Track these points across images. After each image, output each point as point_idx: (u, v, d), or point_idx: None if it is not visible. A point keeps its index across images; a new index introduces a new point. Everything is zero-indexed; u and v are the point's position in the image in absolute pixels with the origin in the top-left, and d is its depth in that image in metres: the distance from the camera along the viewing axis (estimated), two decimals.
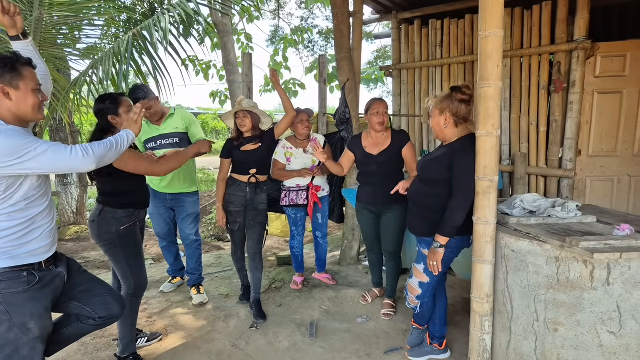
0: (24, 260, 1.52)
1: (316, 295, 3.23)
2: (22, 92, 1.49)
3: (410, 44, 4.47)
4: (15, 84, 1.47)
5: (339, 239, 5.11)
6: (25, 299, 1.52)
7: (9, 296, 1.48)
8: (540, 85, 3.59)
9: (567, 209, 2.07)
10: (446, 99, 2.04)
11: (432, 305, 2.31)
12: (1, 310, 1.48)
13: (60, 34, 3.45)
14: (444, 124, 2.05)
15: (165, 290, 3.32)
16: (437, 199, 2.08)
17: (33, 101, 1.52)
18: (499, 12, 1.82)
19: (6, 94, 1.46)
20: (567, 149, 3.48)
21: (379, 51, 14.19)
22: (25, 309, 1.52)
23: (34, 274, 1.54)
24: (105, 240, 2.18)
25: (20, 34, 1.74)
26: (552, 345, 1.82)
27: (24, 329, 1.52)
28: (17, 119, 1.51)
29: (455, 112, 2.02)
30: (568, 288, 1.75)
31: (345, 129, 3.82)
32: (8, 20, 1.67)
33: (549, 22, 3.50)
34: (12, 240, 1.50)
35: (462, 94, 2.01)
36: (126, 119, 2.11)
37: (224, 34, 7.04)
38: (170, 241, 3.31)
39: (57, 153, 1.45)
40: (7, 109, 1.48)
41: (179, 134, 3.05)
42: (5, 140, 1.38)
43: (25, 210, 1.52)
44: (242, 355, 2.46)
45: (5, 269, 1.48)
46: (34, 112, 1.54)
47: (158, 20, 2.82)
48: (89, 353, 2.46)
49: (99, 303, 1.82)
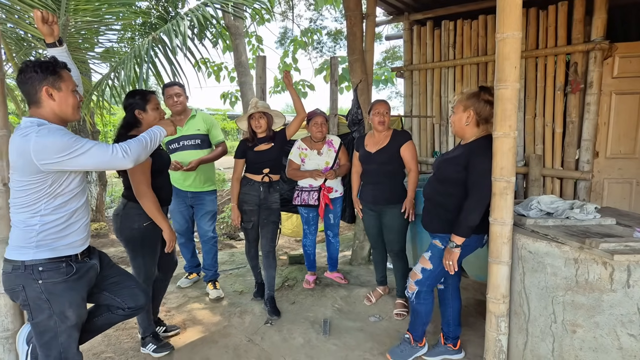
0: (63, 252, 1.60)
1: (328, 293, 3.25)
2: (64, 93, 1.58)
3: (422, 45, 4.48)
4: (58, 86, 1.57)
5: (350, 239, 5.13)
6: (64, 288, 1.60)
7: (49, 285, 1.57)
8: (555, 86, 3.57)
9: (586, 210, 2.06)
10: (472, 97, 2.05)
11: (430, 304, 2.27)
12: (42, 298, 1.56)
13: (82, 38, 3.54)
14: (466, 121, 2.06)
15: (183, 285, 3.40)
16: (452, 198, 2.09)
17: (73, 101, 1.62)
18: (517, 14, 1.82)
19: (50, 95, 1.55)
20: (584, 150, 3.45)
21: (388, 52, 14.17)
22: (64, 298, 1.60)
23: (71, 265, 1.62)
24: (127, 235, 2.26)
25: (57, 41, 1.85)
26: (570, 347, 1.82)
27: (62, 316, 1.60)
28: (59, 119, 1.59)
29: (479, 111, 2.03)
30: (587, 290, 1.75)
31: (357, 130, 3.83)
32: (47, 28, 1.79)
33: (565, 22, 3.48)
34: (54, 233, 1.58)
35: (489, 95, 2.02)
36: (153, 116, 2.23)
37: (235, 37, 7.11)
38: (188, 238, 3.38)
39: (100, 152, 1.53)
40: (50, 110, 1.57)
41: (201, 136, 3.14)
42: (55, 138, 1.47)
43: (67, 204, 1.60)
44: (258, 350, 2.49)
45: (46, 260, 1.56)
46: (74, 111, 1.63)
47: (177, 24, 2.87)
48: (112, 344, 2.54)
49: (128, 294, 1.90)
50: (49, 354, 1.62)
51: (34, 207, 1.54)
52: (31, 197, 1.53)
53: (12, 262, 1.57)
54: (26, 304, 1.58)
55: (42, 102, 1.55)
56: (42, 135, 1.46)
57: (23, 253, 1.55)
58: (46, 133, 1.47)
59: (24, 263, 1.55)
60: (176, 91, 3.04)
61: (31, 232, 1.55)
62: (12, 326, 1.90)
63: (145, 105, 2.21)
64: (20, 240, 1.56)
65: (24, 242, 1.55)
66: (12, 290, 1.59)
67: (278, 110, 3.03)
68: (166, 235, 2.25)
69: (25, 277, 1.54)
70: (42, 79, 1.53)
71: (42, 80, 1.53)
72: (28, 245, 1.55)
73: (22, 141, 1.47)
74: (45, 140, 1.45)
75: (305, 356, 2.43)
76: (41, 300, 1.57)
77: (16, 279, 1.56)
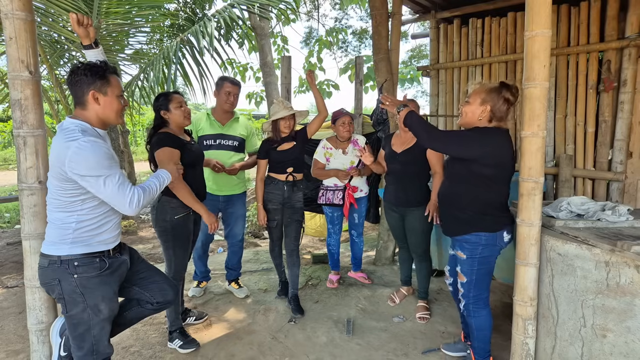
0: (96, 247, 1.66)
1: (352, 293, 3.27)
2: (109, 98, 1.64)
3: (449, 44, 4.42)
4: (104, 90, 1.62)
5: (374, 239, 5.12)
6: (97, 282, 1.65)
7: (84, 280, 1.62)
8: (588, 85, 3.46)
9: (618, 212, 2.00)
10: (492, 91, 1.94)
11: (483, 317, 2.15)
12: (77, 292, 1.62)
13: (113, 40, 3.68)
14: (480, 115, 1.95)
15: (197, 295, 3.25)
16: (462, 196, 2.04)
17: (117, 106, 1.68)
18: (547, 12, 1.79)
19: (96, 99, 1.61)
20: (617, 150, 3.34)
21: (414, 50, 14.03)
22: (97, 291, 1.66)
23: (104, 261, 1.68)
24: (160, 227, 2.37)
25: (93, 42, 1.92)
26: (599, 352, 1.77)
27: (96, 310, 1.66)
28: (101, 122, 1.67)
29: (496, 109, 1.93)
30: (618, 293, 1.70)
31: (382, 129, 3.84)
32: (83, 30, 1.85)
33: (598, 19, 3.37)
34: (89, 231, 1.64)
35: (511, 94, 1.93)
36: (176, 114, 2.30)
37: (261, 37, 7.21)
38: (204, 250, 3.26)
39: (119, 191, 1.57)
40: (94, 113, 1.63)
41: (240, 139, 3.10)
42: (95, 155, 1.51)
43: (102, 205, 1.65)
44: (282, 347, 2.53)
45: (81, 255, 1.62)
46: (117, 116, 1.69)
47: (205, 25, 2.95)
48: (140, 338, 2.62)
49: (157, 289, 1.95)
50: (82, 346, 1.68)
51: (70, 207, 1.59)
52: (67, 199, 1.58)
53: (48, 257, 1.61)
54: (61, 297, 1.63)
55: (87, 105, 1.61)
56: (82, 148, 1.49)
57: (59, 248, 1.61)
58: (88, 146, 1.50)
59: (60, 258, 1.60)
60: (235, 91, 3.01)
61: (67, 229, 1.60)
62: (46, 319, 1.94)
63: (168, 105, 2.32)
64: (56, 237, 1.61)
65: (60, 238, 1.61)
66: (49, 284, 1.64)
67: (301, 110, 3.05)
68: (205, 219, 2.35)
69: (61, 272, 1.59)
70: (90, 83, 1.59)
71: (90, 84, 1.59)
72: (64, 241, 1.60)
73: (63, 147, 1.51)
74: (84, 153, 1.49)
75: (329, 355, 2.45)
76: (76, 294, 1.62)
77: (52, 273, 1.61)
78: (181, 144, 2.31)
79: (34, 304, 1.92)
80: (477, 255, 2.04)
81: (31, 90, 1.81)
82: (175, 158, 2.23)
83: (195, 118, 3.04)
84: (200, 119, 3.05)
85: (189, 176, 2.35)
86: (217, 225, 2.41)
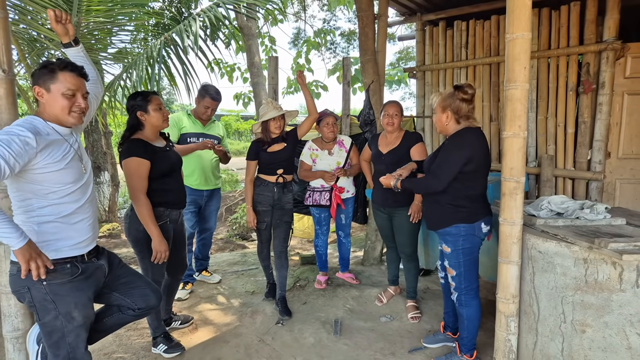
0: (67, 252, 1.60)
1: (340, 294, 3.28)
2: (52, 95, 1.56)
3: (435, 46, 4.47)
4: (47, 87, 1.56)
5: (362, 239, 5.15)
6: (69, 289, 1.60)
7: (54, 286, 1.57)
8: (568, 87, 3.54)
9: (596, 211, 2.06)
10: (448, 97, 2.12)
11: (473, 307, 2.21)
12: (47, 299, 1.56)
13: (95, 39, 3.62)
14: (446, 121, 2.14)
15: (183, 297, 3.25)
16: (442, 192, 2.12)
17: (61, 104, 1.57)
18: (527, 15, 1.83)
19: (40, 96, 1.57)
20: (596, 151, 3.43)
21: (401, 52, 14.14)
22: (69, 298, 1.60)
23: (76, 266, 1.62)
24: (134, 236, 2.26)
25: (72, 40, 1.82)
26: (579, 347, 1.82)
27: (68, 317, 1.60)
28: (54, 119, 1.60)
29: (456, 110, 2.10)
30: (596, 290, 1.75)
31: (369, 130, 3.86)
32: (61, 28, 1.75)
33: (578, 23, 3.45)
34: (54, 234, 1.57)
35: (463, 93, 2.08)
36: (155, 117, 2.20)
37: (248, 37, 7.17)
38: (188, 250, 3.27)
39: None
40: (43, 109, 1.60)
41: (219, 138, 3.33)
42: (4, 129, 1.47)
43: (62, 205, 1.58)
44: (269, 350, 2.53)
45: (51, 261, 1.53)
46: (63, 114, 1.59)
47: (189, 24, 2.93)
48: (123, 344, 2.58)
49: (138, 295, 1.89)
50: (57, 354, 1.62)
51: (26, 208, 1.54)
52: (20, 198, 1.53)
53: (17, 264, 1.53)
54: (32, 305, 1.58)
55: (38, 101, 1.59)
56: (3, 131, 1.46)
57: None
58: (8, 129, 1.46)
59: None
60: (214, 106, 3.21)
61: (30, 232, 1.52)
62: (22, 326, 1.89)
63: (146, 106, 2.18)
64: None
65: None
66: (19, 292, 1.59)
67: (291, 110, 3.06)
68: (154, 245, 2.17)
69: (30, 279, 1.50)
70: (37, 78, 1.56)
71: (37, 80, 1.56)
72: None
73: None
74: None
75: (316, 356, 2.46)
76: (46, 301, 1.56)
77: (22, 281, 1.54)
78: (154, 151, 2.19)
79: (9, 310, 1.87)
80: (460, 247, 2.13)
81: (4, 89, 1.78)
82: (143, 170, 2.13)
83: (176, 117, 3.17)
84: (182, 118, 3.18)
85: (167, 184, 2.27)
86: (167, 255, 2.22)
